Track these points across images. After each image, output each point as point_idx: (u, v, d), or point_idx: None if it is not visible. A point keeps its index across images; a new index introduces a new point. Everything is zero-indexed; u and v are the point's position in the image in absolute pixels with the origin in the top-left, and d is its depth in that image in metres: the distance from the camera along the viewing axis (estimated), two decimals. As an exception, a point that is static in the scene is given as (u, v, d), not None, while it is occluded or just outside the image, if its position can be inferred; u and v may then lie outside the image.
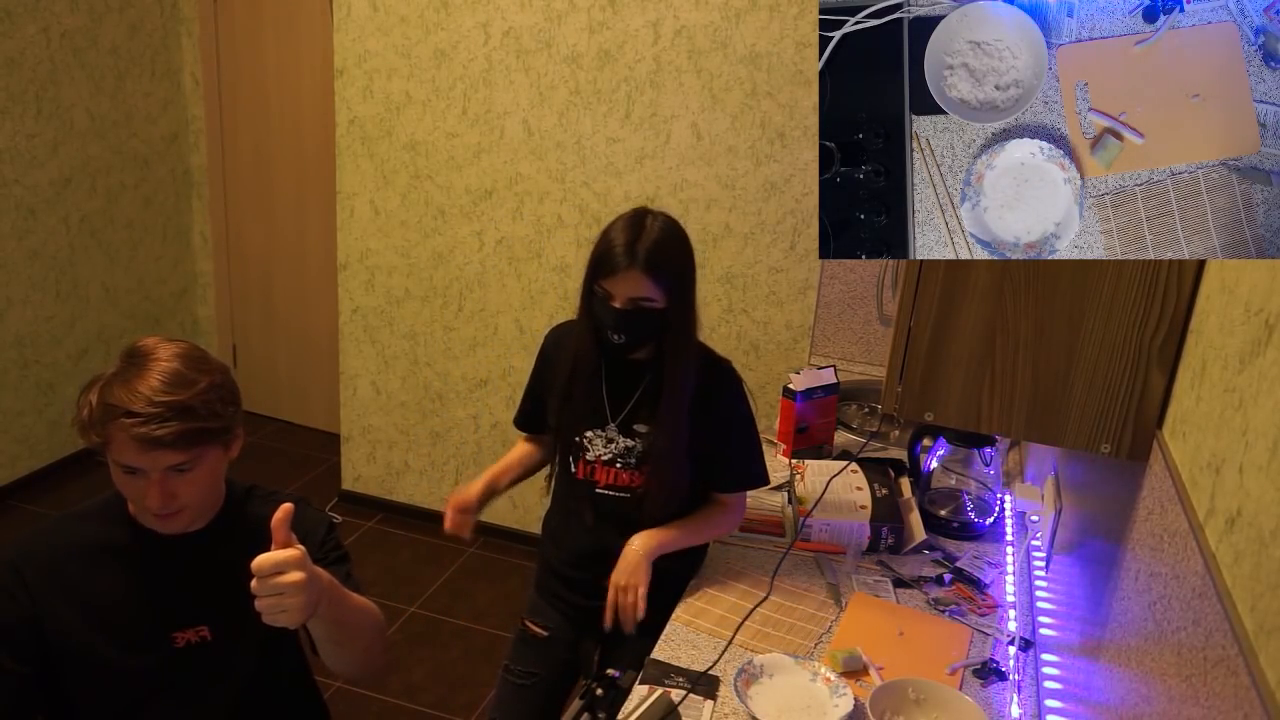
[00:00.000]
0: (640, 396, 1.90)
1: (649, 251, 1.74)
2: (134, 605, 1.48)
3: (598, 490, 1.93)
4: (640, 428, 1.89)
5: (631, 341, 1.81)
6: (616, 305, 1.77)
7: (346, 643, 1.44)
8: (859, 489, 2.22)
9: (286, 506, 1.26)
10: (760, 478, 1.99)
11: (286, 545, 1.25)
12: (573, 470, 1.95)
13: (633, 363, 1.89)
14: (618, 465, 1.91)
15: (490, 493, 2.06)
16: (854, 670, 1.69)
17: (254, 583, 1.22)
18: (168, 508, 1.41)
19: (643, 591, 1.82)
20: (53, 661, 1.46)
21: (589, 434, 1.92)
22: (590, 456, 1.93)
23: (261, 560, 1.22)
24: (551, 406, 1.97)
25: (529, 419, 2.10)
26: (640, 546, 1.87)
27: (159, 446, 1.35)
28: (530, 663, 2.07)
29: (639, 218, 1.80)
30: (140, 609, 1.48)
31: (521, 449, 2.15)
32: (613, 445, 1.91)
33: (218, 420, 1.41)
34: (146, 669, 1.49)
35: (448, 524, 2.02)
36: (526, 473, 2.14)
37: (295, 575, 1.23)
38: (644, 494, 1.90)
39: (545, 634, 2.05)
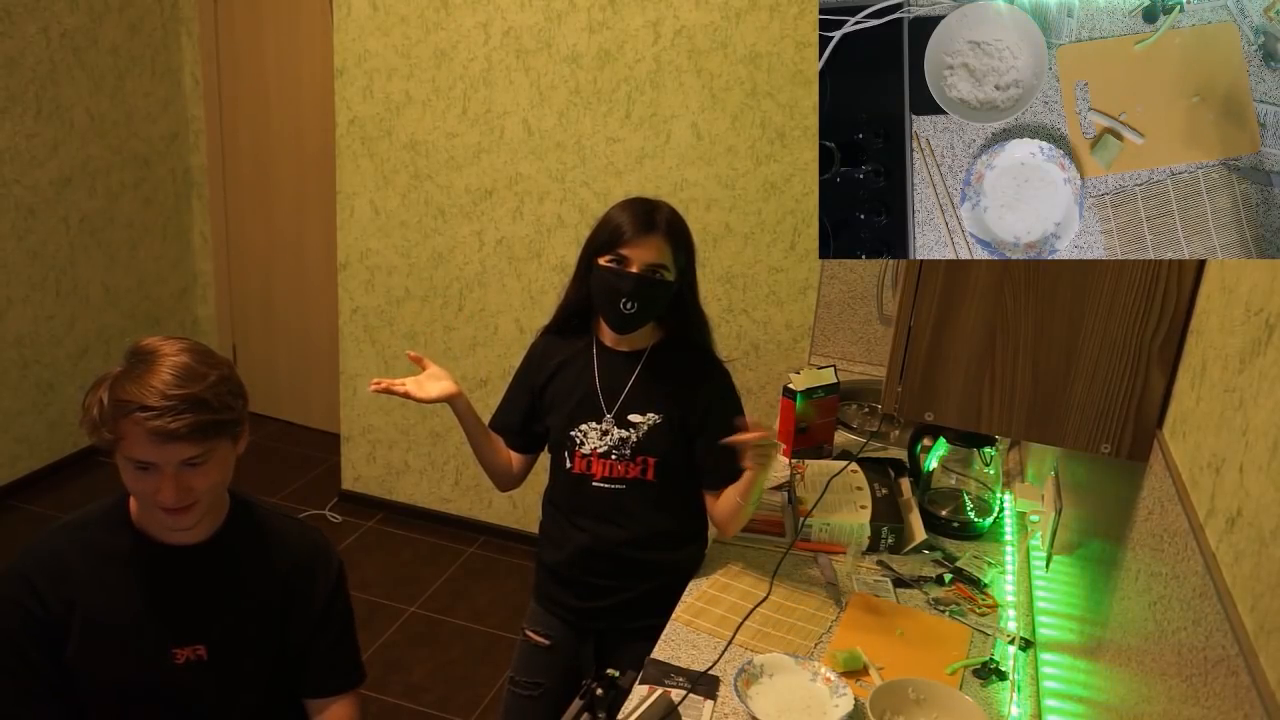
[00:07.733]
0: (633, 386, 1.91)
1: (669, 221, 1.83)
2: (136, 616, 1.47)
3: (594, 484, 1.94)
4: (635, 418, 1.91)
5: (642, 312, 1.83)
6: (634, 270, 1.80)
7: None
8: (859, 489, 2.22)
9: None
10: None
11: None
12: (568, 466, 1.95)
13: (622, 354, 1.92)
14: (613, 457, 1.92)
15: (454, 400, 1.91)
16: (854, 670, 1.69)
17: None
18: (182, 501, 1.40)
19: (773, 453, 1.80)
20: (66, 670, 1.45)
21: (584, 427, 1.93)
22: (585, 450, 1.93)
23: None
24: (545, 405, 1.98)
25: (505, 428, 2.04)
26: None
27: (174, 440, 1.34)
28: (535, 673, 2.06)
29: (642, 199, 1.87)
30: (142, 620, 1.47)
31: (498, 441, 2.05)
32: (608, 437, 1.91)
33: (230, 412, 1.42)
34: (147, 683, 1.48)
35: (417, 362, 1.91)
36: (481, 447, 2.00)
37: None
38: (654, 481, 1.91)
39: (547, 642, 2.05)
